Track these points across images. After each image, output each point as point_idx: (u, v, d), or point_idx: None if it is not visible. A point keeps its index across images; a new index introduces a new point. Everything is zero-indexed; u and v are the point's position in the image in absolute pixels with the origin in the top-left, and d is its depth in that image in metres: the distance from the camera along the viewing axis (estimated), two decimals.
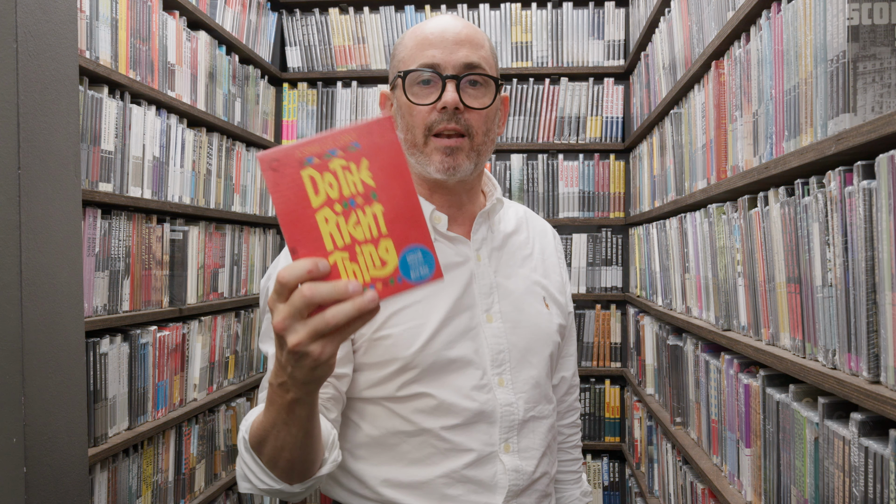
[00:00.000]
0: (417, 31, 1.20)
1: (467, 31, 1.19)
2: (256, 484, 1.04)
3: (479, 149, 1.19)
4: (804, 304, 1.30)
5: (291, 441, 0.96)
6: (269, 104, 3.68)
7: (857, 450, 1.06)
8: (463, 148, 1.17)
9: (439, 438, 1.17)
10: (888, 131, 0.98)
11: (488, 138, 1.20)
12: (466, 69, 1.16)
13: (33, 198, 1.33)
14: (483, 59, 1.18)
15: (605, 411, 3.62)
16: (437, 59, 1.16)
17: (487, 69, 1.19)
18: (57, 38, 1.41)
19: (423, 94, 1.17)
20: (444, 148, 1.16)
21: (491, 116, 1.20)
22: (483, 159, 1.21)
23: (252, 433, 1.00)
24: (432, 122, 1.16)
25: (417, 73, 1.17)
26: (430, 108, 1.16)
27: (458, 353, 1.19)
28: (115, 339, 2.15)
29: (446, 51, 1.16)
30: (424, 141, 1.18)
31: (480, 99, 1.17)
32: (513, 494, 1.20)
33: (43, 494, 1.33)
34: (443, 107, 1.15)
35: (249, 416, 1.08)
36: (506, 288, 1.26)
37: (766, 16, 1.52)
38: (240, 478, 1.10)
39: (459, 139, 1.17)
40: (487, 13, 3.65)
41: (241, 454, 1.08)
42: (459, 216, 1.27)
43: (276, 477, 1.02)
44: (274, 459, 0.99)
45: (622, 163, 3.64)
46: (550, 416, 1.28)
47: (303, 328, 0.78)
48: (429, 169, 1.19)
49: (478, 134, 1.18)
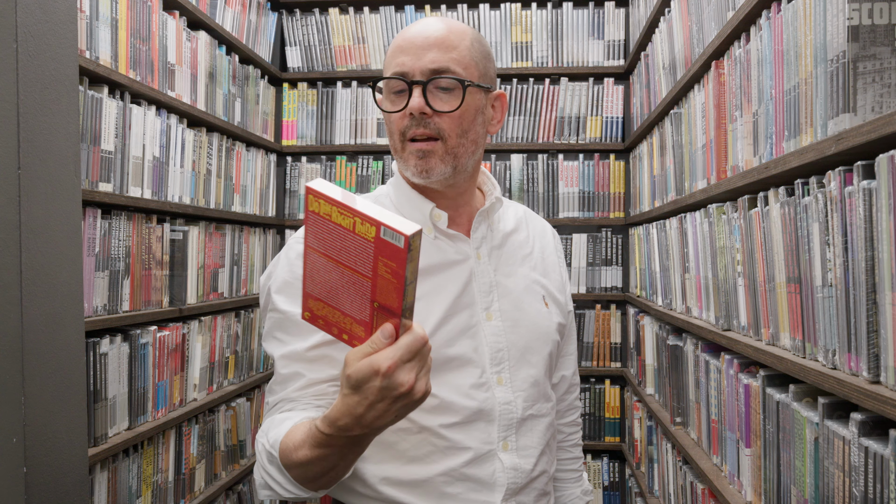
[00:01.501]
0: (396, 38, 1.22)
1: (440, 33, 1.19)
2: (281, 493, 1.09)
3: (456, 151, 1.19)
4: (804, 304, 1.30)
5: (344, 465, 1.03)
6: (269, 104, 3.68)
7: (857, 450, 1.06)
8: (436, 151, 1.18)
9: (438, 436, 1.18)
10: (888, 131, 0.98)
11: (466, 139, 1.20)
12: (433, 73, 1.17)
13: (33, 198, 1.33)
14: (454, 61, 1.18)
15: (605, 411, 3.62)
16: (406, 66, 1.17)
17: (459, 70, 1.18)
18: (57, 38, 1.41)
19: (398, 100, 1.19)
20: (417, 151, 1.18)
21: (467, 117, 1.19)
22: (463, 161, 1.21)
23: (288, 454, 1.04)
24: (405, 127, 1.18)
25: (387, 82, 1.20)
26: (402, 115, 1.18)
27: (458, 352, 1.19)
28: (115, 339, 2.15)
29: (414, 56, 1.17)
30: (402, 146, 1.20)
31: (449, 102, 1.17)
32: (511, 493, 1.20)
33: (43, 494, 1.33)
34: (410, 113, 1.17)
35: (273, 428, 1.11)
36: (505, 286, 1.27)
37: (766, 16, 1.52)
38: (260, 486, 1.12)
39: (432, 142, 1.18)
40: (487, 13, 3.65)
41: (263, 466, 1.11)
42: (457, 216, 1.28)
43: (308, 489, 1.07)
44: (315, 477, 1.05)
45: (622, 163, 3.64)
46: (549, 414, 1.29)
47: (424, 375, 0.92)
48: (407, 173, 1.21)
49: (451, 136, 1.18)
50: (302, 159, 3.78)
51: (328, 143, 3.75)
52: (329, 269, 0.90)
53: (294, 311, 1.15)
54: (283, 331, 1.17)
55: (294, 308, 1.15)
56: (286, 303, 1.17)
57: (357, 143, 3.73)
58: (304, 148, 3.76)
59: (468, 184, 1.27)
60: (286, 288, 1.18)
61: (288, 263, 1.19)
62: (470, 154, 1.21)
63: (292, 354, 1.15)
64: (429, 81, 1.16)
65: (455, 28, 1.21)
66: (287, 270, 1.19)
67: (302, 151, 3.77)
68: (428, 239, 1.23)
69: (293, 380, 1.15)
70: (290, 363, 1.15)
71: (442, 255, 1.23)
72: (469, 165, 1.23)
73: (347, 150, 3.73)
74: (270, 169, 3.65)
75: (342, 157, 3.74)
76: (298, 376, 1.15)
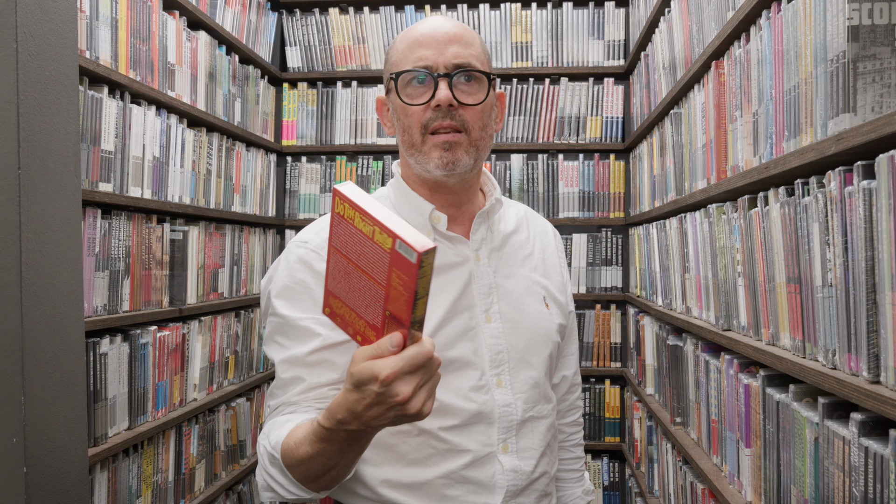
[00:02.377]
0: (408, 34, 1.22)
1: (456, 29, 1.20)
2: (283, 494, 1.10)
3: (478, 144, 1.20)
4: (804, 304, 1.30)
5: (344, 463, 1.04)
6: (269, 104, 3.68)
7: (857, 450, 1.06)
8: (461, 143, 1.18)
9: (438, 439, 1.18)
10: (888, 131, 0.98)
11: (486, 133, 1.21)
12: (458, 67, 1.17)
13: (33, 198, 1.33)
14: (474, 57, 1.19)
15: (605, 411, 3.62)
16: (429, 60, 1.17)
17: (479, 66, 1.20)
18: (57, 38, 1.41)
19: (417, 94, 1.18)
20: (443, 143, 1.17)
21: (486, 112, 1.21)
22: (482, 155, 1.22)
23: (289, 453, 1.05)
24: (428, 119, 1.17)
25: (409, 74, 1.18)
26: (424, 108, 1.17)
27: (457, 354, 1.19)
28: (115, 339, 2.15)
29: (436, 50, 1.17)
30: (422, 140, 1.18)
31: (474, 95, 1.19)
32: (511, 494, 1.20)
33: (43, 494, 1.33)
34: (437, 104, 1.16)
35: (275, 430, 1.11)
36: (505, 288, 1.27)
37: (766, 16, 1.52)
38: (263, 489, 1.12)
39: (457, 134, 1.18)
40: (487, 13, 3.65)
41: (265, 468, 1.11)
42: (459, 216, 1.27)
43: (310, 489, 1.08)
44: (316, 476, 1.05)
45: (622, 163, 3.64)
46: (549, 415, 1.28)
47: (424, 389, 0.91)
48: (428, 167, 1.19)
49: (474, 129, 1.19)
50: (302, 159, 3.78)
51: (328, 143, 3.75)
52: (349, 271, 0.91)
53: (294, 316, 1.16)
54: (284, 335, 1.17)
55: (294, 312, 1.16)
56: (286, 307, 1.17)
57: (357, 144, 3.73)
58: (304, 148, 3.76)
59: (473, 181, 1.28)
60: (286, 292, 1.18)
61: (288, 268, 1.19)
62: (488, 148, 1.23)
63: (292, 359, 1.15)
64: (455, 74, 1.17)
65: (466, 27, 1.23)
66: (287, 275, 1.19)
67: (302, 151, 3.77)
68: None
69: (294, 384, 1.16)
70: (291, 367, 1.16)
71: (441, 257, 1.23)
72: (482, 160, 1.25)
73: (347, 150, 3.73)
74: (270, 169, 3.65)
75: (342, 158, 3.74)
76: (299, 380, 1.15)
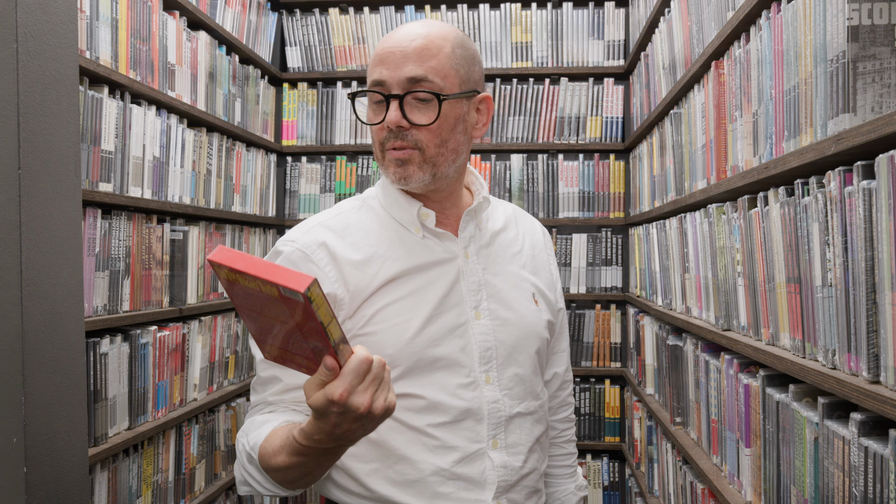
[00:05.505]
0: (378, 46, 1.22)
1: (421, 41, 1.18)
2: (261, 491, 1.13)
3: (434, 160, 1.19)
4: (804, 304, 1.30)
5: (321, 471, 1.08)
6: (269, 104, 3.68)
7: (857, 450, 1.06)
8: (413, 160, 1.18)
9: (427, 436, 1.19)
10: (888, 131, 0.98)
11: (445, 148, 1.20)
12: (410, 84, 1.16)
13: (33, 198, 1.33)
14: (432, 71, 1.17)
15: (605, 411, 3.62)
16: (384, 77, 1.18)
17: (437, 80, 1.17)
18: (57, 38, 1.41)
19: (378, 110, 1.20)
20: (395, 160, 1.19)
21: (445, 128, 1.19)
22: (442, 169, 1.21)
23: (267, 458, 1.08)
24: (383, 139, 1.20)
25: (366, 94, 1.21)
26: (380, 127, 1.19)
27: (444, 351, 1.20)
28: (115, 339, 2.15)
29: (392, 67, 1.17)
30: (382, 155, 1.21)
31: (426, 114, 1.17)
32: (502, 490, 1.21)
33: (43, 494, 1.33)
34: (387, 126, 1.18)
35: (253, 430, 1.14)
36: (494, 285, 1.28)
37: (765, 16, 1.52)
38: (240, 483, 1.16)
39: (410, 151, 1.18)
40: (487, 13, 3.65)
41: (243, 465, 1.15)
42: (446, 216, 1.29)
43: (287, 489, 1.11)
44: (293, 480, 1.09)
45: (622, 163, 3.64)
46: (538, 411, 1.29)
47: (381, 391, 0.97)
48: (388, 180, 1.23)
49: (429, 147, 1.18)
50: (302, 159, 3.78)
51: (328, 144, 3.75)
52: (262, 323, 0.94)
53: None
54: None
55: None
56: None
57: (357, 144, 3.73)
58: (305, 148, 3.76)
59: (453, 187, 1.28)
60: None
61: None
62: (450, 162, 1.22)
63: None
64: (405, 94, 1.16)
65: (435, 34, 1.19)
66: None
67: (302, 151, 3.77)
68: (416, 238, 1.24)
69: (272, 383, 1.19)
70: (269, 367, 1.19)
71: (430, 253, 1.24)
72: (451, 172, 1.23)
73: (347, 150, 3.73)
74: (270, 169, 3.65)
75: (342, 158, 3.74)
76: (276, 380, 1.19)
